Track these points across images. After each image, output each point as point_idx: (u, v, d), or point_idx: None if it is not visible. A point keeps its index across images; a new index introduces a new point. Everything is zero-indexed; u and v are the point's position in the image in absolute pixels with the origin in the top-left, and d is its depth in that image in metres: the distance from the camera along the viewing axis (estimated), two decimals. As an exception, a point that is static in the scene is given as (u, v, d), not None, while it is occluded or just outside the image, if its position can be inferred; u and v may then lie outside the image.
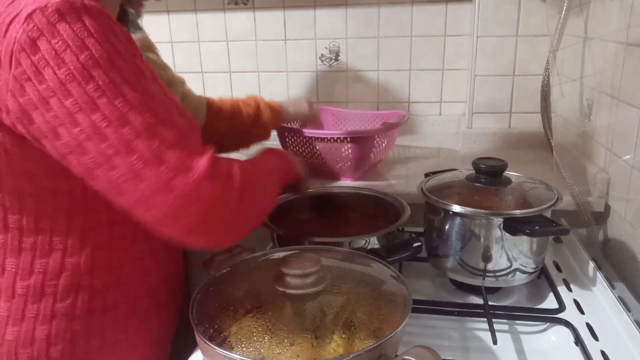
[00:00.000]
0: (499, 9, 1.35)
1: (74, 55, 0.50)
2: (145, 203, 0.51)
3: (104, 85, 0.51)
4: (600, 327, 0.71)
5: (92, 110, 0.50)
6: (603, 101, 0.99)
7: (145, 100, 0.53)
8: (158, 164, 0.51)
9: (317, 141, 1.14)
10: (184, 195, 0.51)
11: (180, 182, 0.51)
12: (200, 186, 0.51)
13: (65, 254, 0.63)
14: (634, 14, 0.85)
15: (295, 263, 0.57)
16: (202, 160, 0.52)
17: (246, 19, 1.64)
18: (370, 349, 0.48)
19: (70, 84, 0.50)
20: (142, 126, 0.51)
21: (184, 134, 0.54)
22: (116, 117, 0.51)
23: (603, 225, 0.99)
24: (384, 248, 0.77)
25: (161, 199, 0.51)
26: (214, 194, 0.52)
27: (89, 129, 0.50)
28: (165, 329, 0.78)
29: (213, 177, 0.52)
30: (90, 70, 0.50)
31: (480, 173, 0.82)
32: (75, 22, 0.51)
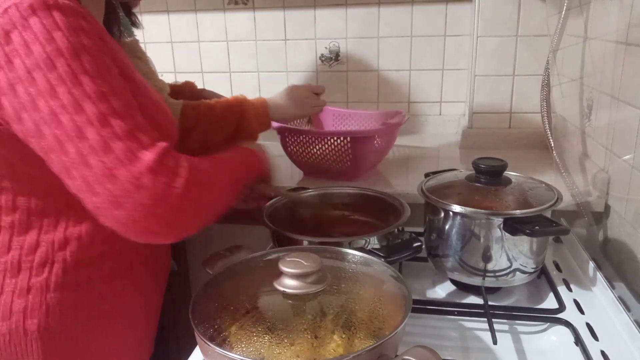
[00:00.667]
0: (499, 9, 1.35)
1: (41, 46, 0.54)
2: (89, 189, 0.54)
3: (64, 75, 0.54)
4: (600, 327, 0.71)
5: (51, 97, 0.53)
6: (603, 101, 0.99)
7: (103, 92, 0.55)
8: (104, 153, 0.53)
9: (317, 141, 1.14)
10: (124, 186, 0.52)
11: (123, 172, 0.53)
12: (141, 179, 0.53)
13: (41, 231, 0.67)
14: (634, 14, 0.85)
15: (295, 263, 0.57)
16: (149, 154, 0.54)
17: (246, 19, 1.64)
18: (370, 349, 0.48)
19: (35, 72, 0.53)
20: (95, 115, 0.54)
21: (138, 127, 0.56)
22: (72, 105, 0.53)
23: (603, 225, 0.99)
24: (384, 248, 0.77)
25: (103, 187, 0.53)
26: (155, 188, 0.53)
27: (47, 115, 0.54)
28: (144, 309, 0.80)
29: (156, 171, 0.54)
30: (54, 60, 0.54)
31: (480, 173, 0.82)
32: (46, 17, 0.54)
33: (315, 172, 1.22)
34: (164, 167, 0.54)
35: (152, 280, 0.81)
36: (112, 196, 0.53)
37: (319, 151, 1.15)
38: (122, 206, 0.53)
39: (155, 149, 0.55)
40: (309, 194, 0.97)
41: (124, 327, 0.76)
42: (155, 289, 0.83)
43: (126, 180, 0.52)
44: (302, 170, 1.24)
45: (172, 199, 0.54)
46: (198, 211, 0.58)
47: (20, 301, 0.66)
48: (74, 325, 0.69)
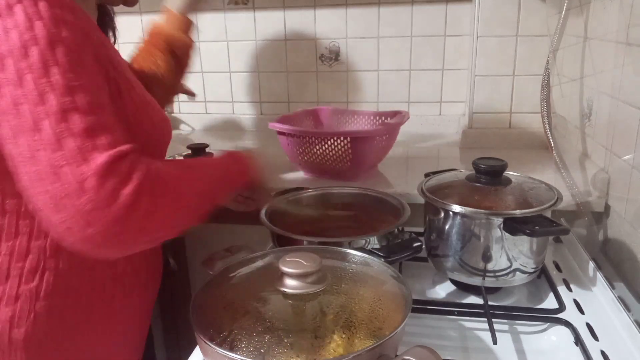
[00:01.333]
0: (499, 9, 1.35)
1: (19, 33, 0.52)
2: (32, 187, 0.50)
3: (34, 64, 0.52)
4: (600, 327, 0.71)
5: (16, 86, 0.51)
6: (603, 101, 0.99)
7: (71, 86, 0.52)
8: (54, 150, 0.49)
9: (317, 141, 1.14)
10: (66, 186, 0.48)
11: (68, 172, 0.49)
12: (85, 182, 0.49)
13: (31, 237, 0.64)
14: (634, 14, 0.85)
15: (295, 263, 0.57)
16: (101, 157, 0.50)
17: (246, 19, 1.64)
18: (370, 349, 0.48)
19: (6, 58, 0.52)
20: (55, 109, 0.51)
21: (101, 127, 0.52)
22: (34, 95, 0.51)
23: (603, 225, 0.99)
24: (384, 248, 0.77)
25: (44, 186, 0.49)
26: (97, 193, 0.49)
27: (10, 104, 0.51)
28: (132, 318, 0.78)
29: (104, 175, 0.49)
30: (28, 49, 0.52)
31: (480, 173, 0.82)
32: (30, 6, 0.53)
33: (315, 172, 1.22)
34: (113, 172, 0.50)
35: (142, 287, 0.78)
36: (51, 197, 0.48)
37: (319, 151, 1.15)
38: (60, 210, 0.48)
39: (110, 153, 0.51)
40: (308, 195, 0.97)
41: (112, 334, 0.74)
42: (145, 295, 0.80)
43: (68, 180, 0.48)
44: (302, 170, 1.24)
45: (115, 207, 0.49)
46: (149, 224, 0.53)
47: (7, 309, 0.64)
48: (61, 333, 0.67)
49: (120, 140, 0.53)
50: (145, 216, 0.52)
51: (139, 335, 0.82)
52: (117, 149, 0.52)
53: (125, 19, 1.72)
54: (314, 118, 1.44)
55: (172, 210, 0.56)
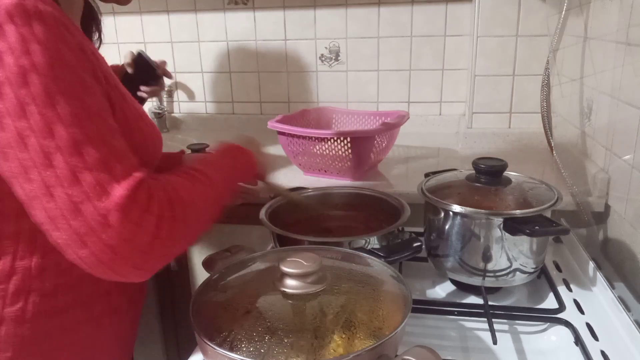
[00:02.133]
0: (499, 9, 1.35)
1: (13, 58, 0.48)
2: (52, 223, 0.49)
3: (35, 93, 0.48)
4: (600, 327, 0.71)
5: (18, 118, 0.48)
6: (603, 101, 0.99)
7: (77, 115, 0.50)
8: (70, 185, 0.48)
9: (317, 141, 1.14)
10: (90, 223, 0.48)
11: (90, 207, 0.48)
12: (108, 216, 0.48)
13: (16, 257, 0.61)
14: (634, 14, 0.85)
15: (295, 263, 0.57)
16: (120, 189, 0.49)
17: (246, 19, 1.64)
18: (370, 349, 0.48)
19: (3, 86, 0.48)
20: (66, 141, 0.49)
21: (114, 155, 0.51)
22: (41, 128, 0.48)
23: (603, 225, 0.99)
24: (384, 248, 0.77)
25: (66, 223, 0.48)
26: (122, 228, 0.48)
27: (12, 137, 0.48)
28: (121, 335, 0.75)
29: (126, 209, 0.49)
30: (26, 76, 0.48)
31: (480, 173, 0.82)
32: (23, 26, 0.49)
33: (315, 172, 1.22)
34: (135, 204, 0.49)
35: (128, 302, 0.75)
36: (75, 233, 0.48)
37: (319, 151, 1.15)
38: (86, 245, 0.48)
39: (128, 182, 0.50)
40: (308, 195, 0.97)
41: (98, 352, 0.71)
42: (132, 310, 0.77)
43: (92, 217, 0.47)
44: (302, 170, 1.24)
45: (140, 240, 0.49)
46: (169, 249, 0.53)
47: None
48: (48, 355, 0.65)
49: (135, 166, 0.53)
50: (168, 240, 0.52)
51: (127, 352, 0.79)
52: (134, 177, 0.51)
53: (125, 19, 1.72)
54: (314, 118, 1.44)
55: (190, 227, 0.57)
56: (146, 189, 0.51)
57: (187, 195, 0.57)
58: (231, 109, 1.76)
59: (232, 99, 1.75)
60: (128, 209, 0.49)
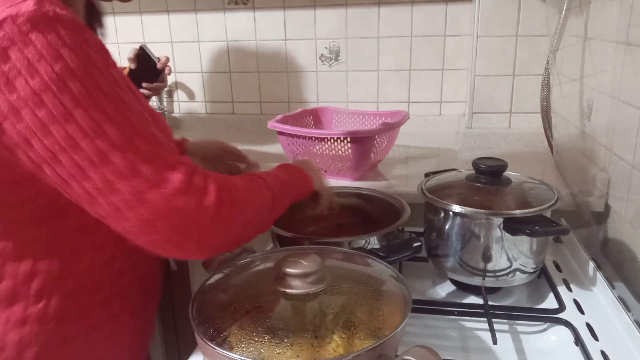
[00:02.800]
0: (499, 9, 1.35)
1: (48, 65, 0.49)
2: (119, 215, 0.52)
3: (79, 96, 0.50)
4: (600, 327, 0.71)
5: (66, 122, 0.50)
6: (603, 101, 0.99)
7: (122, 111, 0.52)
8: (133, 177, 0.51)
9: (317, 141, 1.14)
10: (157, 209, 0.51)
11: (154, 196, 0.51)
12: (173, 201, 0.51)
13: (37, 259, 0.62)
14: (634, 14, 0.85)
15: (295, 263, 0.57)
16: (177, 174, 0.53)
17: (246, 19, 1.64)
18: (370, 349, 0.48)
19: (44, 94, 0.49)
20: (118, 138, 0.51)
21: (160, 145, 0.54)
22: (92, 128, 0.50)
23: (603, 225, 0.99)
24: (384, 248, 0.77)
25: (134, 212, 0.51)
26: (186, 209, 0.52)
27: (64, 141, 0.50)
28: (140, 332, 0.77)
29: (187, 192, 0.52)
30: (67, 81, 0.50)
31: (480, 173, 0.82)
32: (49, 32, 0.50)
33: (315, 172, 1.22)
34: (193, 187, 0.53)
35: (145, 303, 0.77)
36: (145, 220, 0.51)
37: (319, 151, 1.15)
38: (157, 229, 0.52)
39: (182, 168, 0.53)
40: None
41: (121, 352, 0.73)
42: (149, 306, 0.79)
43: (158, 203, 0.51)
44: (302, 170, 1.24)
45: (203, 218, 0.53)
46: (229, 230, 0.57)
47: (14, 333, 0.62)
48: (73, 356, 0.66)
49: (176, 151, 0.56)
50: (228, 220, 0.55)
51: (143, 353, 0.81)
52: (185, 164, 0.54)
53: (125, 19, 1.73)
54: (314, 118, 1.44)
55: (247, 215, 0.59)
56: (201, 174, 0.55)
57: (244, 189, 0.60)
58: (231, 109, 1.76)
59: (232, 99, 1.75)
60: (188, 191, 0.52)
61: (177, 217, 0.52)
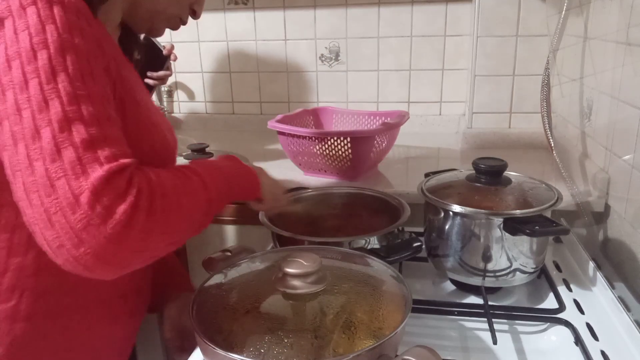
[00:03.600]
0: (499, 9, 1.35)
1: (29, 36, 0.50)
2: (27, 199, 0.47)
3: (41, 69, 0.49)
4: (600, 327, 0.71)
5: (21, 90, 0.49)
6: (603, 101, 0.99)
7: (77, 95, 0.50)
8: (52, 160, 0.47)
9: (317, 141, 1.14)
10: (60, 201, 0.46)
11: (65, 185, 0.46)
12: (79, 196, 0.46)
13: (10, 253, 0.60)
14: (634, 14, 0.85)
15: (295, 263, 0.57)
16: (100, 170, 0.47)
17: (246, 19, 1.64)
18: (370, 349, 0.48)
19: (13, 61, 0.49)
20: (58, 116, 0.48)
21: (104, 139, 0.50)
22: (37, 101, 0.48)
23: (603, 225, 0.99)
24: (384, 248, 0.77)
25: (38, 198, 0.47)
26: (90, 211, 0.46)
27: (11, 108, 0.49)
28: (119, 338, 0.74)
29: (99, 191, 0.46)
30: (37, 52, 0.50)
31: (480, 173, 0.82)
32: (44, 9, 0.51)
33: (315, 172, 1.22)
34: (109, 188, 0.47)
35: (128, 314, 0.73)
36: (45, 211, 0.46)
37: (319, 151, 1.15)
38: (53, 225, 0.46)
39: (111, 165, 0.48)
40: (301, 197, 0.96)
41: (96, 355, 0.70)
42: (131, 322, 0.76)
43: (64, 194, 0.46)
44: (302, 170, 1.24)
45: (109, 225, 0.46)
46: (142, 243, 0.49)
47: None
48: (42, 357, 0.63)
49: (124, 154, 0.51)
50: (141, 235, 0.49)
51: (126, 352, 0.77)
52: (118, 162, 0.49)
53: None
54: (314, 118, 1.44)
55: (170, 224, 0.53)
56: (127, 175, 0.49)
57: (172, 192, 0.54)
58: (231, 109, 1.76)
59: (232, 99, 1.75)
60: (102, 191, 0.46)
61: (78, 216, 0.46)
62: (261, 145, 1.53)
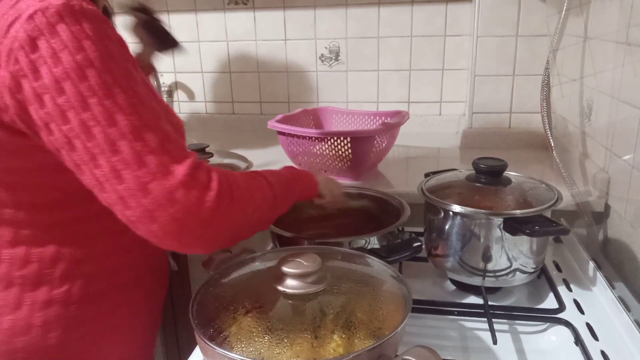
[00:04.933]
0: (499, 9, 1.35)
1: (70, 55, 0.52)
2: (123, 203, 0.53)
3: (96, 86, 0.53)
4: (600, 327, 0.71)
5: (82, 109, 0.52)
6: (603, 101, 0.99)
7: (134, 104, 0.54)
8: (138, 167, 0.52)
9: (317, 141, 1.14)
10: (159, 200, 0.52)
11: (157, 186, 0.52)
12: (175, 193, 0.53)
13: (61, 244, 0.66)
14: (634, 14, 0.85)
15: (295, 263, 0.57)
16: (182, 167, 0.54)
17: (246, 19, 1.64)
18: (370, 349, 0.48)
19: (64, 82, 0.52)
20: (128, 128, 0.53)
21: (168, 138, 0.56)
22: (104, 117, 0.53)
23: (603, 225, 0.99)
24: (384, 248, 0.77)
25: (137, 201, 0.53)
26: (187, 202, 0.53)
27: (78, 127, 0.53)
28: (151, 323, 0.82)
29: (189, 185, 0.53)
30: (85, 71, 0.53)
31: (480, 173, 0.82)
32: (73, 24, 0.53)
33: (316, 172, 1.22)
34: (196, 181, 0.54)
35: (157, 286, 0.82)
36: (146, 210, 0.52)
37: (319, 151, 1.15)
38: (157, 220, 0.53)
39: (187, 162, 0.55)
40: None
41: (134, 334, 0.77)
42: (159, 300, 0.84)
43: (160, 194, 0.52)
44: (302, 170, 1.24)
45: (203, 212, 0.54)
46: (228, 226, 0.57)
47: (39, 315, 0.65)
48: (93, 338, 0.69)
49: (184, 146, 0.57)
50: (226, 215, 0.56)
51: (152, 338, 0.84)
52: (191, 158, 0.55)
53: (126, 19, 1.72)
54: (314, 118, 1.44)
55: (247, 212, 0.60)
56: (205, 169, 0.56)
57: (245, 185, 0.60)
58: (231, 109, 1.76)
59: (232, 99, 1.75)
60: (191, 185, 0.53)
61: (177, 209, 0.53)
62: (261, 145, 1.53)
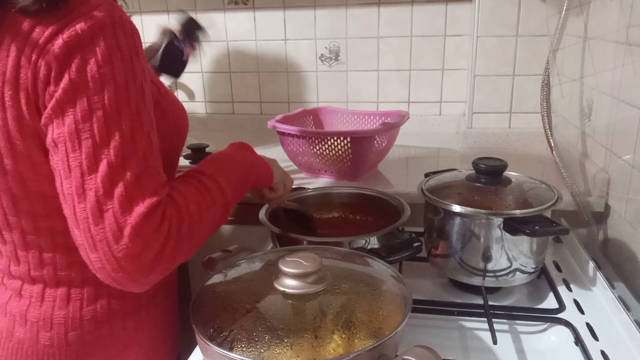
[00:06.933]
0: (499, 9, 1.35)
1: (96, 65, 0.53)
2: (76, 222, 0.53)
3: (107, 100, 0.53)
4: (600, 327, 0.71)
5: (83, 118, 0.53)
6: (603, 101, 0.99)
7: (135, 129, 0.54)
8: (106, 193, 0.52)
9: (317, 141, 1.14)
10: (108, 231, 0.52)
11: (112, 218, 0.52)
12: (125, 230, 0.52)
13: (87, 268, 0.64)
14: (634, 14, 0.85)
15: (295, 263, 0.57)
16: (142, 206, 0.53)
17: (246, 19, 1.64)
18: (370, 349, 0.48)
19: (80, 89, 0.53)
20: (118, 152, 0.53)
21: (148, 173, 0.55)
22: (100, 132, 0.53)
23: (603, 225, 0.99)
24: (384, 248, 0.77)
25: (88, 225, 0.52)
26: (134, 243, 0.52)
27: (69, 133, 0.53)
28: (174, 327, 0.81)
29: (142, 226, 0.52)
30: (104, 83, 0.53)
31: (480, 173, 0.82)
32: (110, 37, 0.54)
33: (315, 172, 1.22)
34: (149, 223, 0.53)
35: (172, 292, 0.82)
36: (91, 237, 0.52)
37: (319, 151, 1.15)
38: (97, 250, 0.52)
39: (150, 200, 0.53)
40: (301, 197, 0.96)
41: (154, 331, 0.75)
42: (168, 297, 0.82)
43: (110, 226, 0.52)
44: (302, 170, 1.24)
45: (145, 257, 0.53)
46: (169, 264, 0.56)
47: (60, 312, 0.66)
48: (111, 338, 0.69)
49: (162, 182, 0.57)
50: (170, 257, 0.55)
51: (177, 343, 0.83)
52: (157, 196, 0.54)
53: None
54: (314, 118, 1.44)
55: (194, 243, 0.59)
56: (162, 208, 0.55)
57: (196, 212, 0.59)
58: (231, 109, 1.76)
59: (232, 99, 1.75)
60: (143, 227, 0.52)
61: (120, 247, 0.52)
62: (261, 145, 1.53)
